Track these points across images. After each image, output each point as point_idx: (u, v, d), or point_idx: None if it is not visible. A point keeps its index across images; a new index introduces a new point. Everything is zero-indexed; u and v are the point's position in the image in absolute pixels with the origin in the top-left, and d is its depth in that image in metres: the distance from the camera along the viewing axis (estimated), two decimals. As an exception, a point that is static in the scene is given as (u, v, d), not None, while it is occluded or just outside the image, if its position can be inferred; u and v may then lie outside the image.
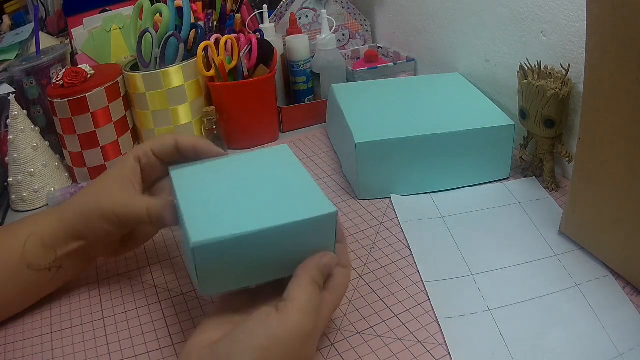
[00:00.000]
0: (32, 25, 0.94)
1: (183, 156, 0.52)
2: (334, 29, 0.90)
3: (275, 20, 0.96)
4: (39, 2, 1.01)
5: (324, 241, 0.42)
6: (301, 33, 0.92)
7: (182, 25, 0.77)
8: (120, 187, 0.50)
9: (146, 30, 0.76)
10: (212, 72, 0.78)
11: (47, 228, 0.50)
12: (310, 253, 0.42)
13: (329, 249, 0.43)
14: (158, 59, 0.77)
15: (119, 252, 0.55)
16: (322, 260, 0.42)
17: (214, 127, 0.78)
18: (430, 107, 0.71)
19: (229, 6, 0.90)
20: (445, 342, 0.45)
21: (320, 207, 0.41)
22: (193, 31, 0.81)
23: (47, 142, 0.75)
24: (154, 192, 0.55)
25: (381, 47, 1.02)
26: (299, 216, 0.40)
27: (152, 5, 0.77)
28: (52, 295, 0.54)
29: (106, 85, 0.74)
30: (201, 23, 0.83)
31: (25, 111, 0.73)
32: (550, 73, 0.62)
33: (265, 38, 0.84)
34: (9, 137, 0.71)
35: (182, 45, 0.76)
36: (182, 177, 0.46)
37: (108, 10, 0.91)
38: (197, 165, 0.49)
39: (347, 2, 1.01)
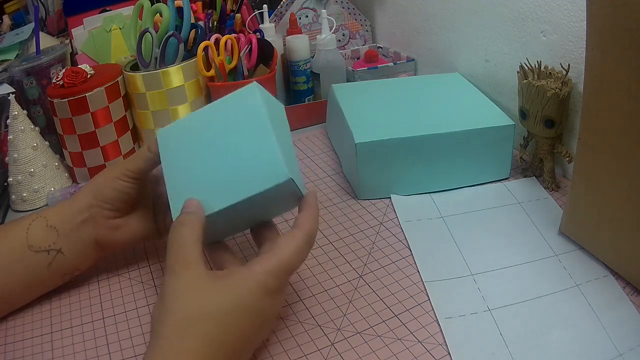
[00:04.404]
0: (32, 25, 0.94)
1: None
2: (334, 29, 0.90)
3: (275, 20, 0.96)
4: (39, 2, 1.01)
5: (289, 195, 0.47)
6: (301, 33, 0.92)
7: (182, 25, 0.77)
8: (123, 160, 0.55)
9: (146, 30, 0.76)
10: (212, 72, 0.78)
11: (54, 212, 0.53)
12: (281, 204, 0.49)
13: (297, 196, 0.47)
14: (158, 59, 0.77)
15: (119, 229, 0.55)
16: None
17: (214, 127, 0.78)
18: (430, 107, 0.71)
19: (229, 6, 0.90)
20: (445, 342, 0.45)
21: (276, 176, 0.44)
22: (193, 31, 0.81)
23: (47, 142, 0.75)
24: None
25: (381, 47, 1.02)
26: (256, 189, 0.44)
27: (152, 5, 0.77)
28: (52, 295, 0.54)
29: (106, 85, 0.74)
30: (201, 23, 0.83)
31: (25, 111, 0.73)
32: (550, 73, 0.62)
33: (265, 38, 0.84)
34: (9, 137, 0.71)
35: (182, 45, 0.76)
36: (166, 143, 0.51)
37: (108, 10, 0.91)
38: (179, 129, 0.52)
39: (347, 2, 1.01)
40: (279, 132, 0.47)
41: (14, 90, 0.78)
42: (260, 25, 0.92)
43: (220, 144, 0.47)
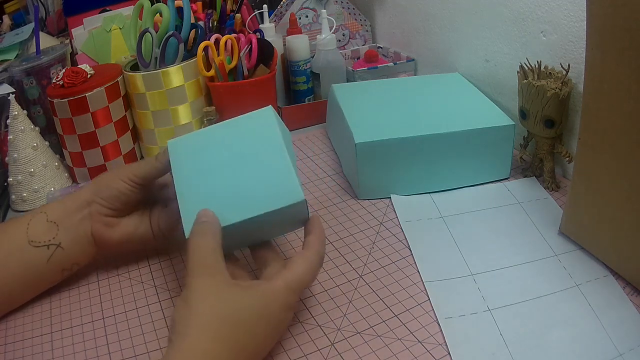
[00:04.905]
0: (32, 25, 0.94)
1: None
2: (334, 29, 0.90)
3: (275, 20, 0.96)
4: (39, 2, 1.01)
5: (297, 216, 0.48)
6: (301, 33, 0.92)
7: (182, 25, 0.77)
8: (131, 164, 0.57)
9: (146, 30, 0.76)
10: (212, 72, 0.78)
11: (55, 207, 0.54)
12: (288, 224, 0.50)
13: (303, 218, 0.49)
14: (158, 59, 0.77)
15: (114, 227, 0.55)
16: None
17: (214, 127, 0.78)
18: (430, 107, 0.71)
19: (229, 6, 0.90)
20: (445, 342, 0.45)
21: (292, 195, 0.46)
22: (193, 31, 0.81)
23: (47, 142, 0.75)
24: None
25: (381, 47, 1.02)
26: (272, 206, 0.46)
27: (152, 5, 0.77)
28: (52, 294, 0.54)
29: (106, 85, 0.74)
30: (201, 23, 0.83)
31: (25, 111, 0.73)
32: (550, 73, 0.62)
33: (265, 38, 0.84)
34: (9, 137, 0.71)
35: (182, 45, 0.76)
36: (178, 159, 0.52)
37: (108, 10, 0.91)
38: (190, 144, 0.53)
39: (347, 2, 1.01)
40: (291, 155, 0.49)
41: (14, 90, 0.78)
42: (260, 25, 0.92)
43: (234, 160, 0.49)
